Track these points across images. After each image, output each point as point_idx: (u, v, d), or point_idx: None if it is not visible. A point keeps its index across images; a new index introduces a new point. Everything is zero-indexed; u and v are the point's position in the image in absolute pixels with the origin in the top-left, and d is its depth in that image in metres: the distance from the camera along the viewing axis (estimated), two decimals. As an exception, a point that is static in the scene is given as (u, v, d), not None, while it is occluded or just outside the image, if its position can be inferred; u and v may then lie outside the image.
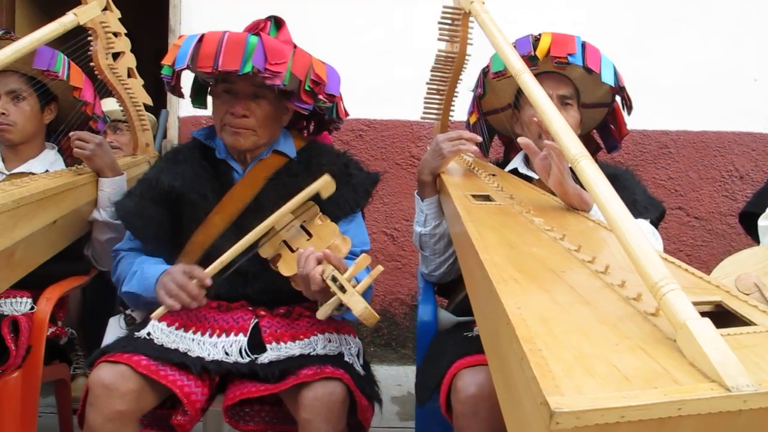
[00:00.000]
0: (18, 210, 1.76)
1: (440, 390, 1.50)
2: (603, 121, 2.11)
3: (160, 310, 1.61)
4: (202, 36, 1.72)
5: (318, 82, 1.77)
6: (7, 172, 2.19)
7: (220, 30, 1.72)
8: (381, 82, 3.55)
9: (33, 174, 2.15)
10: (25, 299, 2.01)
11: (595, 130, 2.17)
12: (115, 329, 1.84)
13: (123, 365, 1.52)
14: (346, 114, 1.97)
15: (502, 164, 2.10)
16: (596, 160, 2.08)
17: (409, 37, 3.50)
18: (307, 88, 1.75)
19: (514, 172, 1.97)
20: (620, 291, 0.98)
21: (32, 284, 1.98)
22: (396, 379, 3.29)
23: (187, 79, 1.91)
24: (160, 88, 1.92)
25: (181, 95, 1.95)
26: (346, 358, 1.66)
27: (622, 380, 0.73)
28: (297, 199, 1.65)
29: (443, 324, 1.87)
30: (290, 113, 1.90)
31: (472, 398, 1.40)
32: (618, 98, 2.01)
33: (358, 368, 1.66)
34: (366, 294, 1.49)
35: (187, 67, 1.73)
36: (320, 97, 1.79)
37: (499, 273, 1.03)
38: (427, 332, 1.87)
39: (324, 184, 1.67)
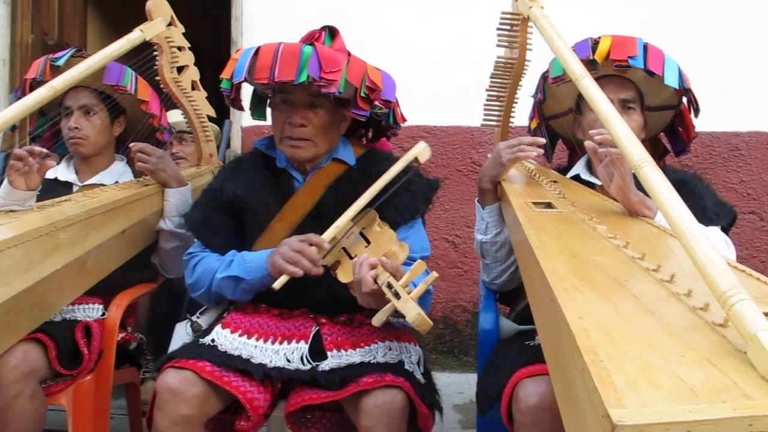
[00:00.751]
0: (89, 220, 1.83)
1: (501, 399, 1.49)
2: (670, 124, 2.05)
3: (281, 280, 1.63)
4: (258, 48, 1.76)
5: (373, 88, 1.78)
6: (80, 184, 2.27)
7: (278, 41, 1.76)
8: (441, 88, 3.55)
9: (103, 185, 2.23)
10: (96, 305, 2.08)
11: (662, 134, 2.11)
12: (181, 335, 1.88)
13: (188, 371, 1.55)
14: (404, 119, 1.97)
15: (565, 169, 2.07)
16: (664, 165, 2.04)
17: (468, 43, 3.49)
18: (362, 94, 1.76)
19: (576, 178, 1.93)
20: (687, 300, 0.95)
21: (103, 291, 2.05)
22: (458, 386, 3.26)
23: (247, 92, 1.95)
24: (223, 99, 1.96)
25: (240, 108, 1.99)
26: (407, 366, 1.66)
27: (688, 393, 0.70)
28: (393, 170, 1.68)
29: (505, 332, 1.85)
30: (348, 121, 1.92)
31: (534, 408, 1.38)
32: (684, 100, 1.95)
33: (419, 376, 1.66)
34: (424, 300, 1.49)
35: (245, 80, 1.77)
36: (376, 103, 1.79)
37: (560, 282, 1.01)
38: (488, 340, 1.86)
39: (421, 150, 1.69)
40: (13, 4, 3.94)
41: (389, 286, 1.45)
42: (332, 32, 1.90)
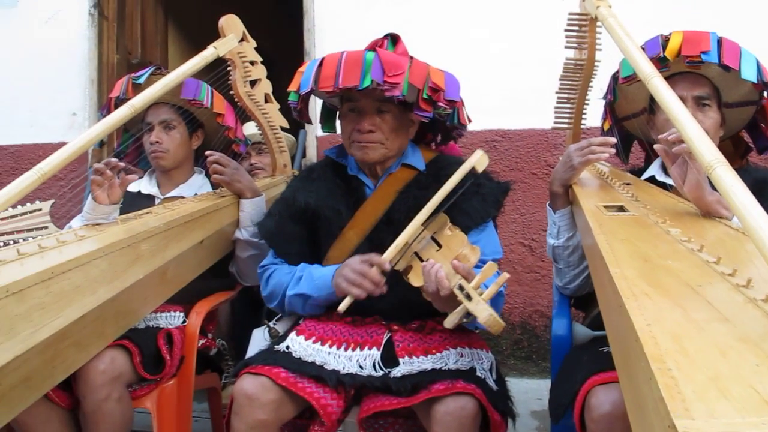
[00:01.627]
0: (169, 232, 1.91)
1: (574, 407, 1.46)
2: (752, 120, 1.97)
3: (346, 302, 1.66)
4: (323, 59, 1.80)
5: (436, 89, 1.78)
6: (162, 197, 2.36)
7: (340, 51, 1.79)
8: (513, 92, 3.52)
9: (183, 198, 2.31)
10: (177, 313, 2.15)
11: (744, 130, 2.03)
12: (259, 341, 1.93)
13: (264, 377, 1.59)
14: (469, 120, 1.97)
15: (641, 171, 2.02)
16: (747, 163, 1.96)
17: (538, 45, 3.45)
18: (425, 96, 1.77)
19: (651, 179, 1.88)
20: (764, 306, 0.91)
21: (184, 299, 2.12)
22: (536, 392, 3.20)
23: (316, 105, 1.98)
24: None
25: (308, 120, 2.03)
26: (478, 373, 1.65)
27: (762, 405, 0.67)
28: (453, 179, 1.68)
29: (579, 338, 1.81)
30: (416, 125, 1.93)
31: (607, 417, 1.35)
32: (766, 94, 1.87)
33: (491, 383, 1.65)
34: (496, 302, 1.48)
35: (312, 91, 1.81)
36: (440, 104, 1.80)
37: (629, 288, 0.99)
38: (561, 346, 1.83)
39: (478, 159, 1.69)
40: (99, 27, 4.14)
41: (461, 288, 1.46)
42: (394, 39, 1.93)
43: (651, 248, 1.21)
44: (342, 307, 1.67)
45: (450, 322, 1.47)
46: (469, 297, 1.43)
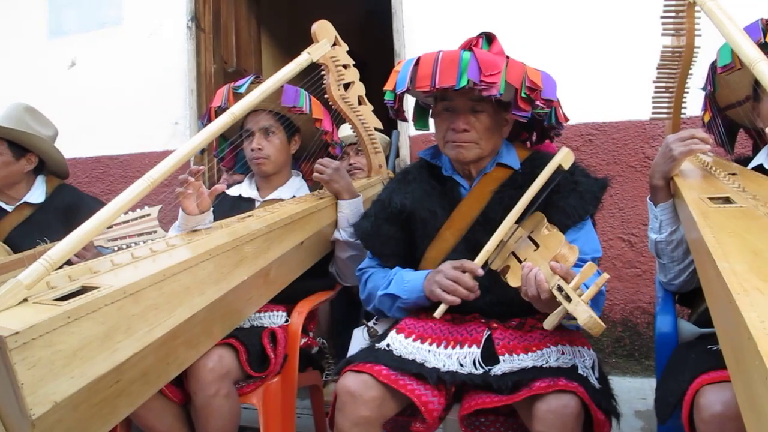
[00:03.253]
0: (271, 234, 1.97)
1: (682, 407, 1.41)
2: None
3: (441, 308, 1.70)
4: (419, 58, 1.81)
5: (534, 88, 1.77)
6: (262, 200, 2.44)
7: (436, 51, 1.79)
8: (607, 83, 3.44)
9: (282, 200, 2.38)
10: (280, 313, 2.22)
11: None
12: (359, 340, 1.97)
13: (366, 374, 1.62)
14: (566, 119, 1.94)
15: (747, 160, 1.92)
16: None
17: (631, 34, 3.35)
18: (523, 95, 1.76)
19: (760, 168, 1.79)
20: None
21: (286, 299, 2.18)
22: (640, 392, 3.11)
23: (409, 104, 2.00)
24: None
25: (404, 119, 2.05)
26: (580, 371, 1.62)
27: None
28: (540, 178, 1.67)
29: (684, 336, 1.75)
30: (510, 125, 1.92)
31: (718, 418, 1.30)
32: None
33: (593, 381, 1.61)
34: (596, 302, 1.45)
35: (407, 90, 1.83)
36: (537, 103, 1.78)
37: (739, 283, 0.96)
38: (666, 344, 1.77)
39: (564, 156, 1.67)
40: (197, 39, 4.32)
41: (559, 289, 1.44)
42: (489, 38, 1.92)
43: (762, 241, 1.16)
44: (438, 313, 1.70)
45: (549, 323, 1.45)
46: (568, 298, 1.41)
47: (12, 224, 2.65)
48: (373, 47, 5.13)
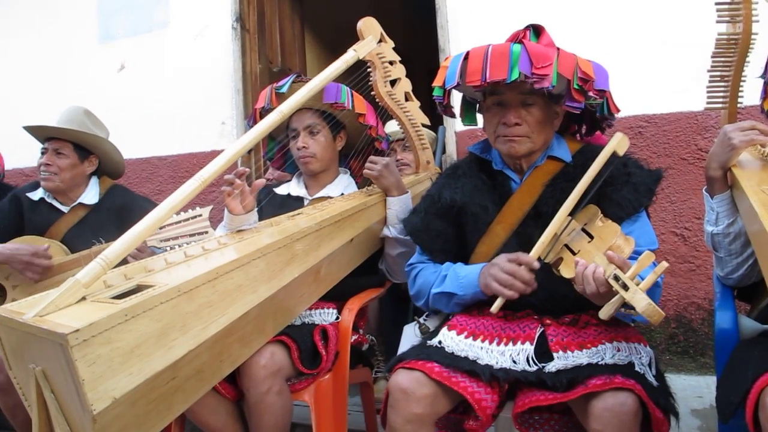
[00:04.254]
0: (321, 231, 1.98)
1: (746, 406, 1.36)
2: None
3: (498, 303, 1.68)
4: (468, 53, 1.79)
5: (586, 79, 1.74)
6: (310, 198, 2.45)
7: (485, 45, 1.78)
8: (657, 74, 3.36)
9: (331, 197, 2.39)
10: (330, 310, 2.23)
11: None
12: (410, 337, 1.96)
13: (418, 371, 1.60)
14: (618, 110, 1.90)
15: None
16: None
17: (682, 22, 3.27)
18: (576, 86, 1.73)
19: (824, 157, 1.73)
20: None
21: (336, 297, 2.19)
22: (695, 390, 3.03)
23: (456, 99, 1.98)
24: (436, 106, 2.02)
25: (452, 115, 2.03)
26: (637, 368, 1.58)
27: None
28: (594, 166, 1.64)
29: (746, 332, 1.70)
30: (561, 117, 1.89)
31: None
32: None
33: (651, 378, 1.57)
34: (653, 293, 1.42)
35: (457, 85, 1.81)
36: (590, 94, 1.75)
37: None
38: (727, 341, 1.72)
39: (618, 142, 1.64)
40: (242, 39, 4.36)
41: (616, 278, 1.42)
42: (537, 30, 1.89)
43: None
44: (494, 308, 1.68)
45: (605, 313, 1.43)
46: (625, 287, 1.39)
47: (68, 225, 2.72)
48: (413, 44, 5.12)
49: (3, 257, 2.51)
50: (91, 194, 2.79)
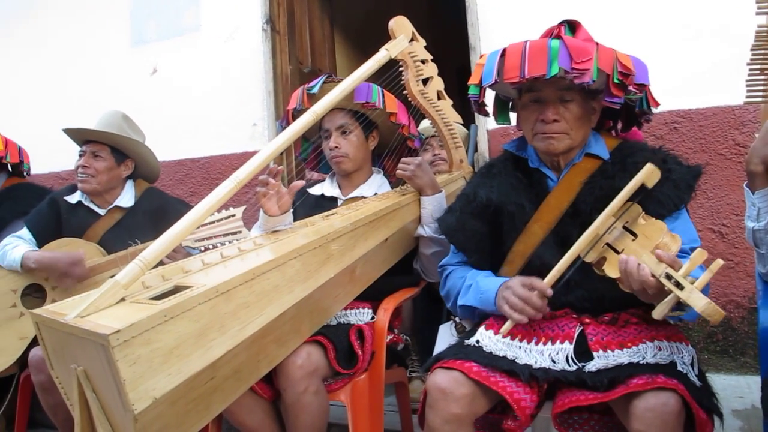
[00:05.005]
0: (356, 231, 1.98)
1: None
2: None
3: (507, 325, 1.68)
4: (504, 49, 1.77)
5: (626, 73, 1.71)
6: (344, 198, 2.45)
7: (521, 41, 1.76)
8: (692, 68, 3.30)
9: (364, 197, 2.39)
10: (366, 310, 2.22)
11: None
12: (446, 336, 1.96)
13: (456, 371, 1.60)
14: (657, 104, 1.87)
15: None
16: None
17: (718, 15, 3.21)
18: (616, 80, 1.70)
19: None
20: None
21: (371, 296, 2.19)
22: (736, 390, 2.97)
23: (488, 98, 1.97)
24: (467, 104, 2.00)
25: (486, 114, 2.02)
26: (679, 368, 1.55)
27: None
28: (622, 194, 1.60)
29: (792, 330, 1.66)
30: (598, 114, 1.87)
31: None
32: None
33: (693, 378, 1.54)
34: (704, 291, 1.39)
35: (495, 82, 1.79)
36: (630, 88, 1.73)
37: None
38: (771, 340, 1.68)
39: (648, 173, 1.61)
40: (273, 41, 4.38)
41: (668, 276, 1.39)
42: (572, 25, 1.87)
43: None
44: (503, 330, 1.69)
45: (659, 312, 1.40)
46: (679, 286, 1.36)
47: (105, 227, 2.76)
48: (440, 42, 5.10)
49: (42, 265, 2.58)
50: (127, 197, 2.83)
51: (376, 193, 2.43)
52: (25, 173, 3.37)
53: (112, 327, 1.28)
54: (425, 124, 2.94)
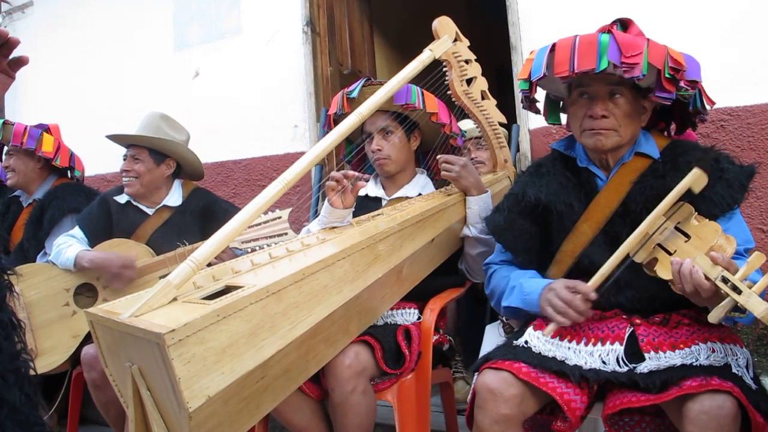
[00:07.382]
0: (402, 232, 1.98)
1: None
2: None
3: (551, 327, 1.67)
4: (554, 44, 1.76)
5: (678, 68, 1.68)
6: (388, 198, 2.45)
7: (571, 36, 1.75)
8: (739, 65, 3.23)
9: (408, 198, 2.39)
10: (412, 310, 2.23)
11: None
12: (493, 336, 1.95)
13: (505, 372, 1.59)
14: (712, 102, 1.83)
15: None
16: None
17: (763, 11, 3.13)
18: (667, 75, 1.68)
19: None
20: None
21: (417, 297, 2.19)
22: (788, 392, 2.90)
23: (539, 98, 1.95)
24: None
25: (536, 111, 2.00)
26: (734, 370, 1.52)
27: None
28: (668, 199, 1.58)
29: None
30: (648, 113, 1.84)
31: None
32: None
33: (749, 381, 1.51)
34: (761, 296, 1.37)
35: (544, 76, 1.78)
36: (681, 84, 1.70)
37: None
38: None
39: (695, 179, 1.58)
40: (313, 43, 4.41)
41: (725, 280, 1.37)
42: (624, 24, 1.85)
43: None
44: (547, 332, 1.68)
45: (715, 316, 1.38)
46: (737, 289, 1.34)
47: (153, 227, 2.81)
48: (479, 42, 5.07)
49: (95, 265, 2.64)
50: (174, 197, 2.88)
51: (420, 194, 2.43)
52: (75, 180, 3.42)
53: (168, 326, 1.29)
54: (467, 125, 2.93)
